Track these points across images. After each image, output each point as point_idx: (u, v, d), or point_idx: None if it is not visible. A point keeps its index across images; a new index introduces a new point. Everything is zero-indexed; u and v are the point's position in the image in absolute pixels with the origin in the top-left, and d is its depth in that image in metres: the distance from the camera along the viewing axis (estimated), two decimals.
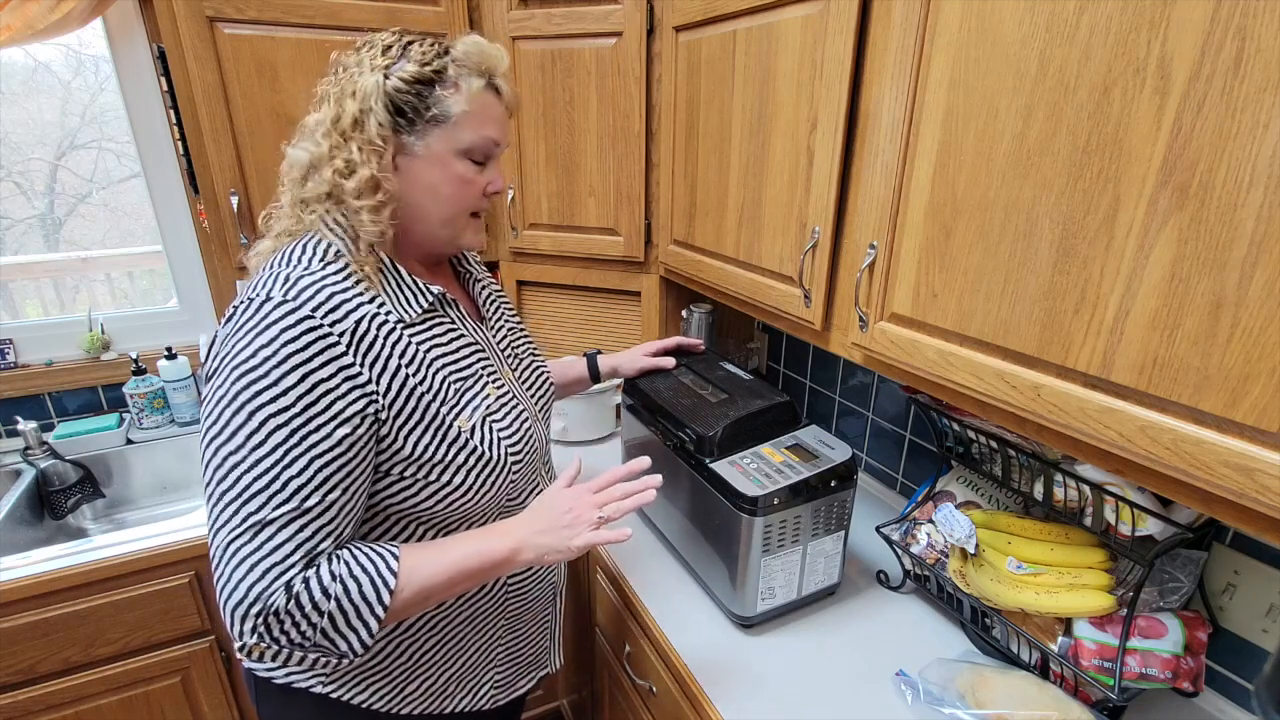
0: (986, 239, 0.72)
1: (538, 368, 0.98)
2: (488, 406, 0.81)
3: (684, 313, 1.54)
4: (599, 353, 1.30)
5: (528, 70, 1.43)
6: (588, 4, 1.35)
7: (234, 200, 1.36)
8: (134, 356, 1.58)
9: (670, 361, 1.26)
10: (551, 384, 1.01)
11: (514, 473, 0.83)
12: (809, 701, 0.91)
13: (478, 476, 0.79)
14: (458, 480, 0.78)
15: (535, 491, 0.93)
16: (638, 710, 1.18)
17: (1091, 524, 0.85)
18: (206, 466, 0.66)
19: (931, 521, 1.07)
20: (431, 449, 0.75)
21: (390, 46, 0.74)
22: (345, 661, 0.70)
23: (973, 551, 0.96)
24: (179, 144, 1.41)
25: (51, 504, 1.50)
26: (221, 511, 0.65)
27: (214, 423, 0.66)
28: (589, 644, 1.42)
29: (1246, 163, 0.50)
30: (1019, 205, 0.68)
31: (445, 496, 0.78)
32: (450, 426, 0.76)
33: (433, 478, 0.76)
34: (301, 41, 1.32)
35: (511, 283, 1.66)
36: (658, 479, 0.84)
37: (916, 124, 0.79)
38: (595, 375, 1.27)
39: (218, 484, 0.65)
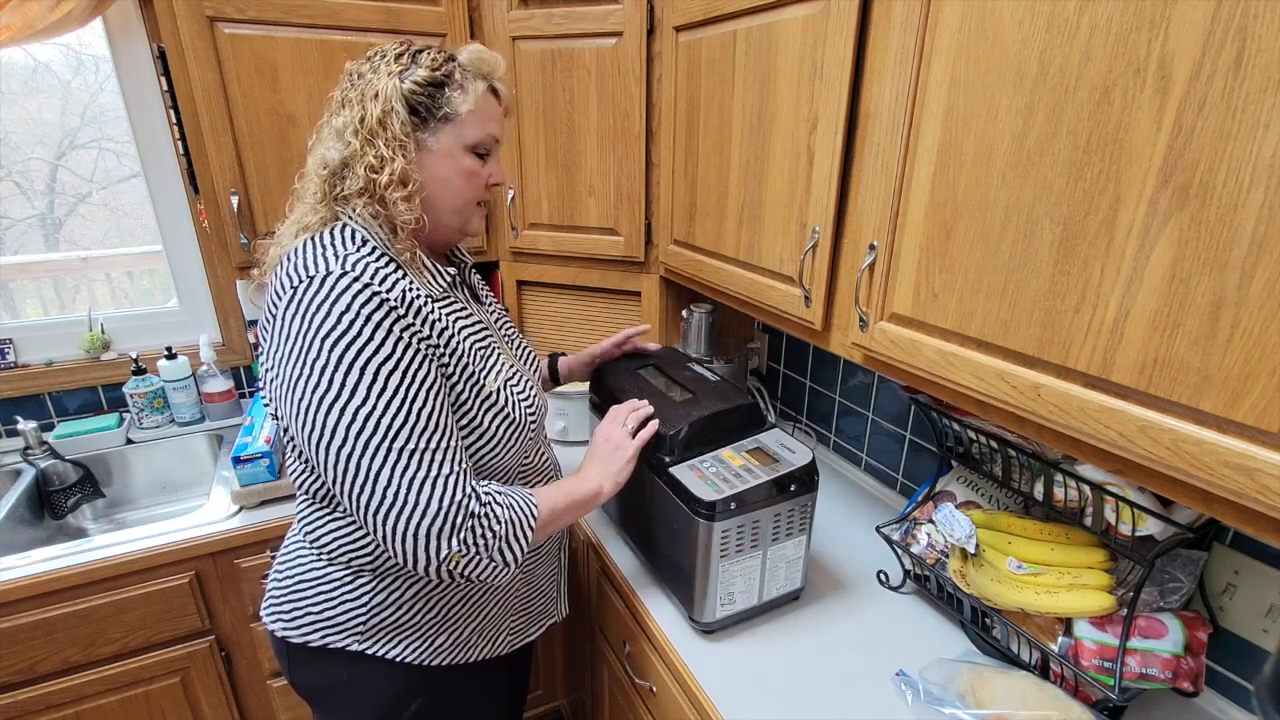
0: (987, 239, 0.72)
1: (527, 345, 1.08)
2: (505, 373, 0.91)
3: (684, 313, 1.54)
4: (562, 354, 1.32)
5: (528, 70, 1.43)
6: (587, 4, 1.35)
7: (234, 200, 1.36)
8: (134, 356, 1.59)
9: (630, 348, 1.26)
10: (538, 360, 1.11)
11: (531, 431, 0.93)
12: (810, 700, 0.91)
13: (505, 432, 0.88)
14: (489, 435, 0.87)
15: (541, 455, 1.03)
16: (638, 710, 1.18)
17: (1092, 524, 0.85)
18: (334, 430, 0.72)
19: (932, 521, 1.07)
20: (469, 404, 0.84)
21: (401, 54, 0.82)
22: (505, 573, 0.81)
23: (973, 551, 0.96)
24: (179, 144, 1.41)
25: (51, 504, 1.50)
26: (373, 459, 0.72)
27: (325, 389, 0.72)
28: (589, 643, 1.42)
29: (1247, 163, 0.50)
30: (1019, 205, 0.68)
31: (476, 450, 0.86)
32: (482, 385, 0.85)
33: (468, 430, 0.85)
34: (302, 41, 1.32)
35: (511, 282, 1.66)
36: (646, 404, 1.05)
37: (917, 124, 0.79)
38: (555, 375, 1.30)
39: (356, 437, 0.72)
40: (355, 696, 0.92)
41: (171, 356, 1.60)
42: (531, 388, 0.96)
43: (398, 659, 0.90)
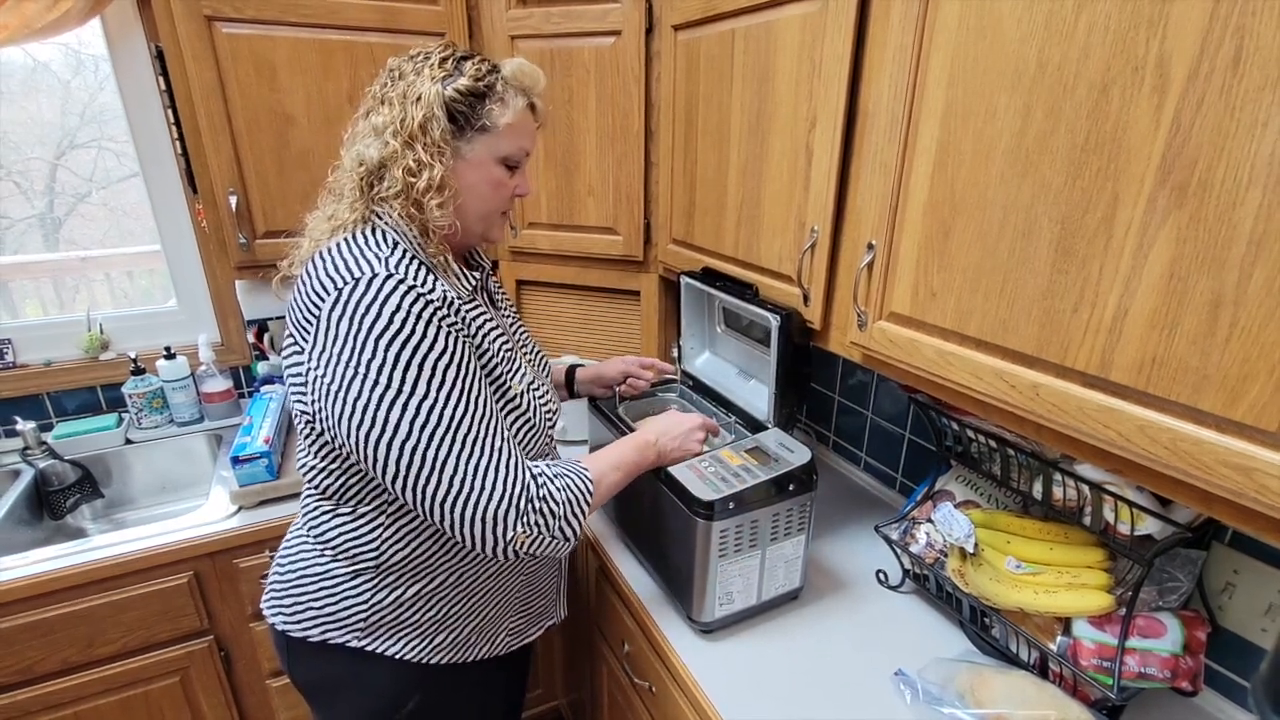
0: (985, 238, 0.72)
1: (539, 349, 1.09)
2: (527, 376, 0.92)
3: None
4: (581, 364, 1.30)
5: None
6: (586, 3, 1.35)
7: (232, 200, 1.35)
8: (133, 356, 1.58)
9: (649, 376, 1.27)
10: (549, 365, 1.12)
11: (546, 433, 0.96)
12: (808, 700, 0.91)
13: (524, 434, 0.90)
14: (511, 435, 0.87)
15: (548, 458, 1.01)
16: (637, 710, 1.18)
17: (1090, 523, 0.85)
18: (397, 425, 0.73)
19: (931, 521, 1.07)
20: (496, 405, 0.84)
21: (446, 60, 0.82)
22: (566, 548, 0.84)
23: (972, 551, 0.96)
24: (177, 143, 1.41)
25: (50, 504, 1.50)
26: (438, 450, 0.74)
27: (385, 387, 0.73)
28: (588, 643, 1.42)
29: (1245, 161, 0.50)
30: (1018, 204, 0.68)
31: None
32: (509, 387, 0.88)
33: None
34: (300, 41, 1.32)
35: (511, 282, 1.66)
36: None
37: (915, 122, 0.78)
38: (570, 386, 1.29)
39: (421, 430, 0.74)
40: (353, 692, 0.92)
41: (170, 356, 1.60)
42: (548, 392, 0.98)
43: (397, 656, 0.90)
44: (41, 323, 1.61)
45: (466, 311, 0.83)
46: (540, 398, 0.93)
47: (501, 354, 0.87)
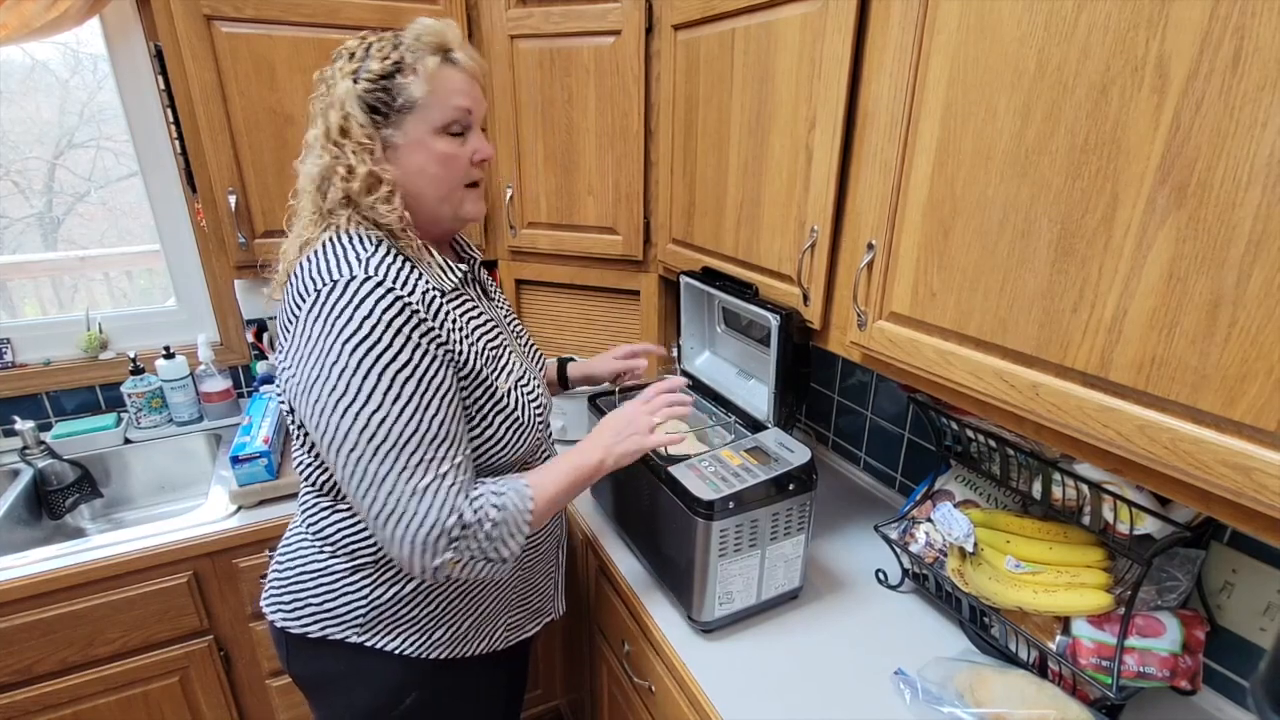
0: (985, 238, 0.72)
1: (533, 344, 1.08)
2: (516, 373, 0.91)
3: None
4: (571, 359, 1.30)
5: (526, 69, 1.43)
6: (586, 2, 1.35)
7: (231, 199, 1.35)
8: (132, 356, 1.58)
9: (643, 364, 1.26)
10: (544, 359, 1.10)
11: (537, 432, 0.93)
12: (808, 699, 0.91)
13: (511, 432, 0.88)
14: (496, 435, 0.87)
15: (544, 453, 1.00)
16: (637, 709, 1.18)
17: (1090, 523, 0.85)
18: (346, 433, 0.73)
19: (930, 520, 1.07)
20: (479, 404, 0.84)
21: (354, 52, 0.80)
22: (503, 569, 0.82)
23: (971, 550, 0.96)
24: (176, 143, 1.41)
25: (49, 504, 1.50)
26: (380, 464, 0.73)
27: (342, 393, 0.72)
28: (588, 643, 1.42)
29: (1245, 161, 0.50)
30: (1017, 204, 0.68)
31: (482, 449, 0.86)
32: (493, 386, 0.85)
33: (476, 432, 0.85)
34: (299, 40, 1.32)
35: (510, 282, 1.66)
36: (682, 381, 1.02)
37: (915, 122, 0.79)
38: (564, 381, 1.28)
39: (368, 442, 0.73)
40: (352, 688, 0.93)
41: (169, 356, 1.60)
42: (540, 388, 0.97)
43: (395, 651, 0.91)
44: (40, 322, 1.60)
45: (452, 307, 0.83)
46: (529, 394, 0.92)
47: (487, 352, 0.86)
